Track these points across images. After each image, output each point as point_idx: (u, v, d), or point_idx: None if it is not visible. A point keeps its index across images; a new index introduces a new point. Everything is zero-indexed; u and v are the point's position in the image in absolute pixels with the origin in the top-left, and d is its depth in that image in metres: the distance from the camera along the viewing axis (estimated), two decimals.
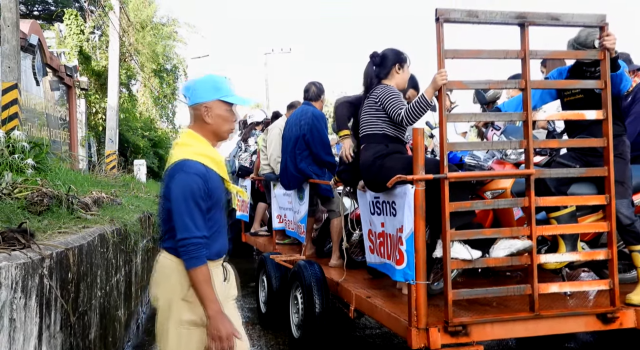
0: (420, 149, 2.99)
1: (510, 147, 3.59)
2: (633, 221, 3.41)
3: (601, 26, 3.25)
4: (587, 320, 3.24)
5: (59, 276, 2.42)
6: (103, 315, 3.42)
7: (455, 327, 2.97)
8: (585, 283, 3.61)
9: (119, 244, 3.91)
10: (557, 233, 3.45)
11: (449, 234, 2.98)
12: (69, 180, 4.71)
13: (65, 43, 15.36)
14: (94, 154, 15.16)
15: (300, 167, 5.05)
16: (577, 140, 3.60)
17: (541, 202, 3.23)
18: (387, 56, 3.63)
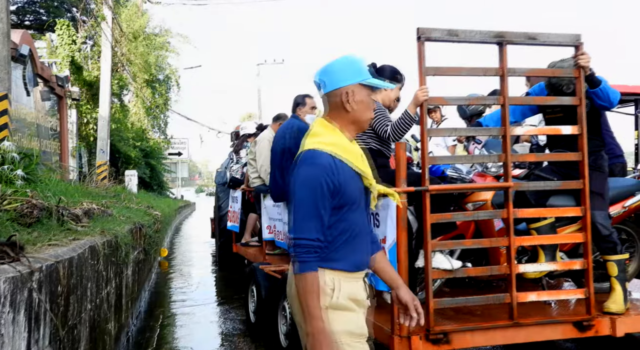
0: (402, 162, 3.06)
1: (490, 160, 3.74)
2: (610, 232, 3.53)
3: (576, 45, 3.40)
4: (563, 328, 3.33)
5: (48, 289, 2.39)
6: (93, 329, 3.38)
7: (437, 335, 3.07)
8: (561, 292, 3.70)
9: (109, 256, 3.87)
10: (535, 243, 3.54)
11: (430, 245, 3.06)
12: (59, 191, 4.66)
13: (57, 53, 15.32)
14: (84, 164, 15.08)
15: (289, 181, 4.97)
16: (553, 155, 3.76)
17: (520, 213, 3.33)
18: (384, 70, 3.71)
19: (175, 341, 5.17)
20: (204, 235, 15.09)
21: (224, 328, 5.56)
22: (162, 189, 25.37)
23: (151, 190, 21.21)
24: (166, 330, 5.53)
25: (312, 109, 5.46)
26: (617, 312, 3.45)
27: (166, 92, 25.76)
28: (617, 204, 3.91)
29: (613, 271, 3.53)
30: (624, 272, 3.56)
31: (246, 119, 60.64)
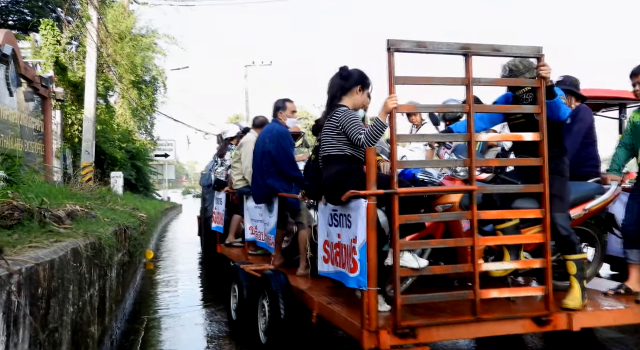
0: (373, 166, 3.23)
1: (456, 165, 3.96)
2: (570, 233, 3.76)
3: (538, 57, 3.58)
4: (524, 323, 3.53)
5: (28, 292, 2.35)
6: (75, 332, 3.33)
7: (403, 330, 3.25)
8: (521, 289, 3.95)
9: (92, 258, 3.83)
10: (497, 243, 3.77)
11: (399, 244, 3.24)
12: (42, 192, 4.60)
13: (41, 53, 15.14)
14: (69, 166, 14.90)
15: (268, 183, 5.31)
16: (515, 160, 4.06)
17: (483, 215, 3.54)
18: (353, 74, 3.82)
19: (160, 344, 5.12)
20: (190, 237, 15.00)
21: (210, 330, 5.52)
22: (148, 190, 25.17)
23: (137, 192, 21.04)
24: (151, 333, 5.48)
25: (293, 113, 5.60)
26: (574, 308, 3.66)
27: (153, 94, 25.63)
28: (578, 207, 4.13)
29: (572, 270, 3.76)
30: (582, 270, 3.77)
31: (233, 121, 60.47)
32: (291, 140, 5.48)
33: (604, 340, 4.84)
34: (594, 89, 8.24)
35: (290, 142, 5.43)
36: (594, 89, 8.25)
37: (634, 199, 4.24)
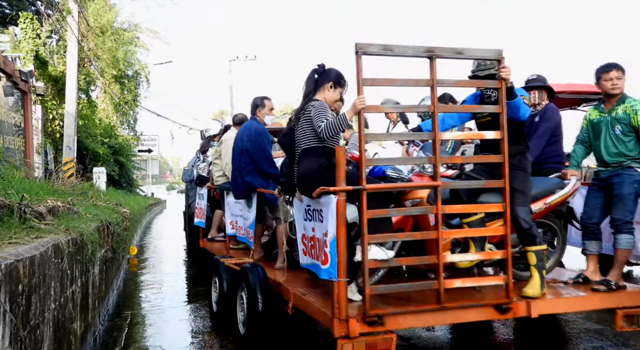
0: (342, 164, 3.37)
1: (421, 162, 4.15)
2: (531, 226, 3.93)
3: (498, 59, 3.75)
4: (486, 311, 3.73)
5: (7, 289, 2.32)
6: (57, 328, 3.30)
7: (372, 318, 3.39)
8: (483, 279, 4.09)
9: (74, 255, 3.79)
10: (459, 236, 3.95)
11: (367, 238, 3.37)
12: (22, 188, 4.54)
13: (21, 47, 14.90)
14: (50, 161, 14.72)
15: (247, 180, 5.42)
16: (478, 157, 4.29)
17: (447, 209, 3.70)
18: (330, 72, 3.97)
19: (144, 340, 5.10)
20: (175, 233, 14.93)
21: (194, 326, 5.51)
22: (131, 186, 24.96)
23: (120, 187, 20.86)
24: (135, 330, 5.45)
25: (271, 110, 5.67)
26: (533, 296, 3.83)
27: (135, 88, 25.37)
28: (540, 201, 4.30)
29: (532, 260, 3.94)
30: (541, 261, 3.95)
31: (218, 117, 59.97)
32: (269, 138, 5.55)
33: (583, 331, 4.93)
34: (575, 84, 8.33)
35: (268, 139, 5.52)
36: (576, 83, 8.34)
37: (592, 193, 4.45)
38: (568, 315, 5.45)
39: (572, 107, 9.24)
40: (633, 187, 4.16)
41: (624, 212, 4.16)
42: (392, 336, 3.40)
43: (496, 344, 4.63)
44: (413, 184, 4.13)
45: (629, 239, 4.17)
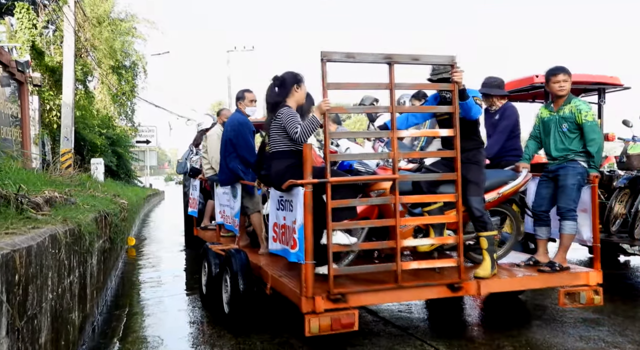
0: (309, 160, 3.75)
1: (382, 157, 4.57)
2: (483, 214, 4.36)
3: (451, 64, 4.10)
4: (439, 289, 4.13)
5: (4, 279, 2.32)
6: (55, 318, 3.31)
7: (336, 296, 3.78)
8: (437, 261, 4.46)
9: (72, 245, 3.79)
10: (413, 223, 4.41)
11: (331, 225, 3.77)
12: (20, 179, 4.53)
13: (17, 37, 14.82)
14: (48, 152, 14.68)
15: (231, 167, 5.78)
16: (433, 152, 4.89)
17: (404, 199, 4.10)
18: (286, 79, 4.34)
19: (143, 330, 5.11)
20: (173, 223, 14.94)
21: (193, 316, 5.52)
22: (129, 177, 24.93)
23: (118, 178, 20.83)
24: (133, 320, 5.46)
25: (251, 102, 6.03)
26: (484, 276, 4.28)
27: (133, 79, 25.26)
28: (493, 191, 4.70)
29: (484, 245, 4.36)
30: (492, 245, 4.38)
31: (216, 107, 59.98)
32: (250, 128, 5.83)
33: (579, 321, 4.95)
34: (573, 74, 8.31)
35: (250, 129, 5.81)
36: (574, 74, 8.31)
37: (542, 184, 4.84)
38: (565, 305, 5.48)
39: None
40: (576, 178, 4.55)
41: (568, 201, 4.55)
42: (355, 312, 3.77)
43: (489, 332, 4.66)
44: (372, 177, 4.53)
45: (572, 225, 4.57)
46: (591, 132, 4.52)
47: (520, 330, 4.69)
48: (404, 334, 4.62)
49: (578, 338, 4.44)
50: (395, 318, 5.16)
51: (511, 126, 5.56)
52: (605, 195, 7.84)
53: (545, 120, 4.83)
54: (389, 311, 5.40)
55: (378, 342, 4.40)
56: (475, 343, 4.34)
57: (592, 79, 8.32)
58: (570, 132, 4.62)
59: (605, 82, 8.38)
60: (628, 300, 5.76)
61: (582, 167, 4.59)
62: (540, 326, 4.79)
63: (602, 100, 8.45)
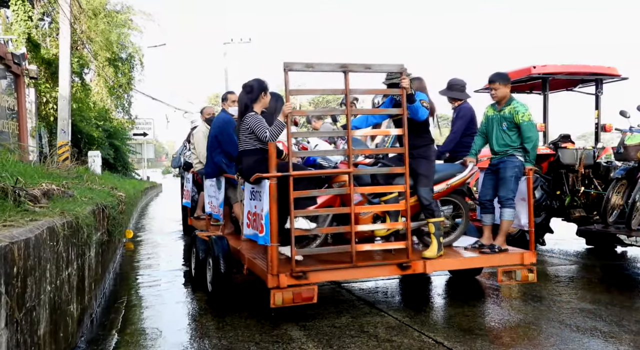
0: (273, 156, 4.35)
1: (338, 154, 5.16)
2: (431, 202, 4.99)
3: (400, 72, 4.67)
4: (390, 268, 4.76)
5: (3, 271, 2.32)
6: (53, 311, 3.31)
7: (297, 273, 4.37)
8: (388, 244, 5.08)
9: (70, 237, 3.79)
10: (365, 211, 4.96)
11: (293, 212, 4.40)
12: (17, 172, 4.51)
13: (12, 30, 14.72)
14: (45, 145, 14.65)
15: (215, 160, 6.42)
16: (384, 149, 5.57)
17: (358, 190, 4.79)
18: (256, 86, 4.96)
19: (141, 322, 5.12)
20: (170, 216, 14.93)
21: (191, 308, 5.53)
22: (127, 170, 24.89)
23: (116, 171, 20.80)
24: (132, 312, 5.47)
25: (233, 102, 6.51)
26: (430, 257, 4.91)
27: (129, 71, 25.16)
28: (443, 182, 5.30)
29: (432, 229, 5.01)
30: (439, 230, 5.03)
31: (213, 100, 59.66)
32: (234, 125, 6.13)
33: (577, 311, 4.97)
34: (571, 65, 8.31)
35: (233, 127, 6.15)
36: (571, 64, 8.32)
37: (487, 176, 5.45)
38: (563, 296, 5.51)
39: (567, 89, 9.24)
40: (514, 171, 5.16)
41: (507, 191, 5.17)
42: (314, 287, 4.38)
43: (486, 324, 4.68)
44: (328, 171, 5.11)
45: (510, 212, 5.19)
46: (527, 131, 5.12)
47: (517, 321, 4.71)
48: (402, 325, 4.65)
49: (575, 328, 4.47)
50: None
51: (465, 124, 6.15)
52: (602, 186, 7.87)
53: (489, 118, 5.40)
54: (387, 303, 5.42)
55: (375, 332, 4.43)
56: (473, 334, 4.37)
57: (590, 70, 8.32)
58: (510, 130, 5.21)
59: (602, 73, 8.38)
60: (625, 291, 5.79)
61: (519, 161, 5.18)
62: (537, 317, 4.82)
63: (600, 91, 8.46)
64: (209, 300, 5.58)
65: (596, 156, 8.10)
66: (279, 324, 4.74)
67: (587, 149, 8.16)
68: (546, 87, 8.45)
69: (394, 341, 4.22)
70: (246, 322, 4.81)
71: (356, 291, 5.88)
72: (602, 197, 7.35)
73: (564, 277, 6.45)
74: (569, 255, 7.87)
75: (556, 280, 6.31)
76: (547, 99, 8.57)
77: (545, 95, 8.54)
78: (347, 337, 4.35)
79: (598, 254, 8.00)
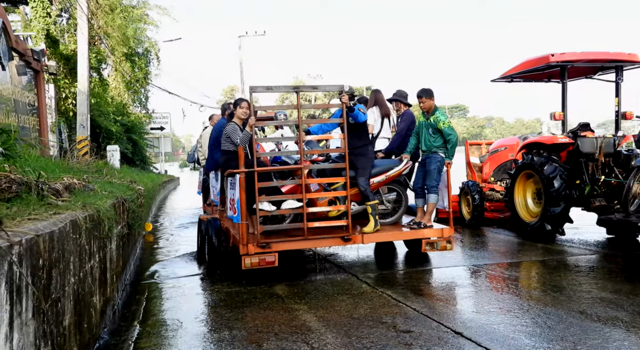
0: (242, 156, 5.73)
1: (292, 154, 6.49)
2: (366, 189, 6.29)
3: (340, 91, 6.08)
4: (334, 240, 6.14)
5: (29, 263, 2.38)
6: (77, 302, 3.38)
7: (262, 243, 5.78)
8: (333, 221, 6.20)
9: (92, 230, 3.86)
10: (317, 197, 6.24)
11: (258, 198, 5.83)
12: (39, 166, 4.59)
13: (32, 26, 14.91)
14: (65, 140, 14.85)
15: (215, 157, 7.52)
16: (331, 149, 6.79)
17: (309, 181, 6.15)
18: (235, 103, 6.73)
19: (162, 313, 5.20)
20: (188, 206, 15.06)
21: (210, 300, 5.60)
22: (145, 164, 25.13)
23: (134, 165, 21.02)
24: (152, 303, 5.55)
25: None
26: (367, 232, 6.24)
27: (146, 66, 25.32)
28: (382, 174, 6.60)
29: (369, 210, 6.32)
30: (375, 210, 6.31)
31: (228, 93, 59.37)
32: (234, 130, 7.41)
33: (597, 301, 4.93)
34: (590, 52, 8.17)
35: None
36: (591, 51, 8.18)
37: (419, 168, 6.80)
38: (583, 286, 5.46)
39: (587, 76, 9.09)
40: (436, 165, 6.54)
41: (431, 180, 6.53)
42: (275, 254, 5.78)
43: (506, 312, 4.67)
44: (284, 167, 6.34)
45: (434, 197, 6.54)
46: (447, 134, 6.47)
47: (537, 312, 4.69)
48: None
49: (596, 318, 4.43)
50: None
51: (406, 127, 7.22)
52: (622, 174, 7.76)
53: (421, 123, 6.75)
54: (404, 295, 5.44)
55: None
56: (493, 324, 4.36)
57: (609, 57, 8.18)
58: (434, 134, 6.57)
59: (622, 60, 8.23)
60: None
61: (441, 157, 6.54)
62: (557, 307, 4.79)
63: (620, 78, 8.32)
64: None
65: (617, 144, 7.99)
66: (298, 315, 4.78)
67: (607, 137, 8.04)
68: (565, 75, 8.33)
69: (412, 332, 4.24)
70: (265, 313, 4.86)
71: (370, 281, 5.96)
72: (623, 185, 7.25)
73: (584, 267, 6.39)
74: (589, 245, 7.79)
75: (576, 270, 6.25)
76: (565, 87, 8.45)
77: (563, 84, 8.42)
78: (365, 327, 4.38)
79: (619, 243, 7.90)
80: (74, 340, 3.24)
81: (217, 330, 4.54)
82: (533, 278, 5.93)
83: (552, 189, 7.82)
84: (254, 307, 5.10)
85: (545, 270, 6.33)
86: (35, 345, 2.46)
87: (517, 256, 7.26)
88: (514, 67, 8.98)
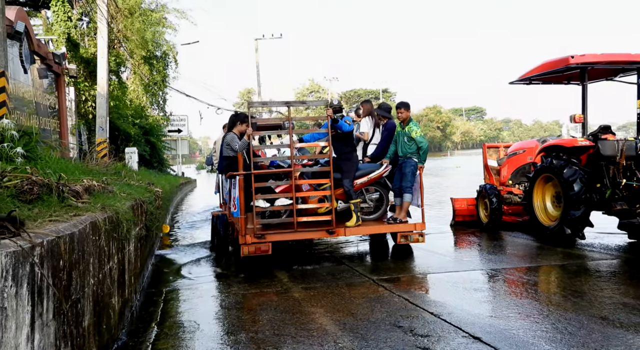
0: (240, 161, 6.90)
1: (283, 159, 7.71)
2: (350, 189, 7.31)
3: (326, 105, 7.18)
4: (321, 233, 7.15)
5: (50, 264, 2.40)
6: (97, 303, 3.41)
7: (258, 234, 6.80)
8: (320, 217, 7.16)
9: (111, 232, 3.89)
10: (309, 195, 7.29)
11: (254, 196, 6.84)
12: (59, 168, 4.65)
13: (53, 30, 15.14)
14: (84, 142, 15.04)
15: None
16: (318, 155, 7.71)
17: (300, 182, 7.17)
18: (239, 117, 7.96)
19: (179, 315, 5.22)
20: (205, 207, 15.13)
21: (227, 302, 5.62)
22: (162, 166, 25.34)
23: (152, 167, 21.20)
24: (170, 305, 5.59)
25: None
26: (350, 226, 7.26)
27: (164, 69, 25.58)
28: (365, 177, 7.60)
29: (352, 207, 7.34)
30: (357, 208, 7.36)
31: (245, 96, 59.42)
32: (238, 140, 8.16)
33: (619, 307, 4.84)
34: (611, 54, 8.05)
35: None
36: (611, 53, 8.06)
37: (397, 172, 7.75)
38: (604, 291, 5.36)
39: (607, 78, 8.96)
40: (411, 168, 7.57)
41: (406, 182, 7.56)
42: (269, 244, 6.77)
43: (528, 319, 4.60)
44: (277, 170, 7.39)
45: (409, 196, 7.56)
46: (419, 142, 7.58)
47: (557, 317, 4.62)
48: None
49: (618, 324, 4.35)
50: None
51: (389, 136, 8.13)
52: None
53: (398, 133, 7.83)
54: (422, 298, 5.39)
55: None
56: (512, 329, 4.31)
57: (631, 58, 8.05)
58: (409, 142, 7.65)
59: None
60: None
61: (414, 162, 7.60)
62: (578, 312, 4.72)
63: None
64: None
65: (638, 147, 7.85)
66: (314, 318, 4.78)
67: (628, 140, 7.91)
68: (585, 77, 8.22)
69: (430, 336, 4.21)
70: (281, 316, 4.86)
71: (387, 285, 5.92)
72: None
73: (606, 272, 6.29)
74: (610, 250, 7.66)
75: (597, 275, 6.15)
76: (585, 89, 8.34)
77: (584, 86, 8.31)
78: (382, 331, 4.35)
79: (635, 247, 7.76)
80: (93, 341, 3.27)
81: (233, 332, 4.55)
82: (553, 283, 5.86)
83: (572, 192, 7.72)
84: (271, 309, 5.10)
85: (565, 274, 6.24)
86: (55, 346, 2.49)
87: (536, 260, 7.17)
88: (533, 69, 8.89)
